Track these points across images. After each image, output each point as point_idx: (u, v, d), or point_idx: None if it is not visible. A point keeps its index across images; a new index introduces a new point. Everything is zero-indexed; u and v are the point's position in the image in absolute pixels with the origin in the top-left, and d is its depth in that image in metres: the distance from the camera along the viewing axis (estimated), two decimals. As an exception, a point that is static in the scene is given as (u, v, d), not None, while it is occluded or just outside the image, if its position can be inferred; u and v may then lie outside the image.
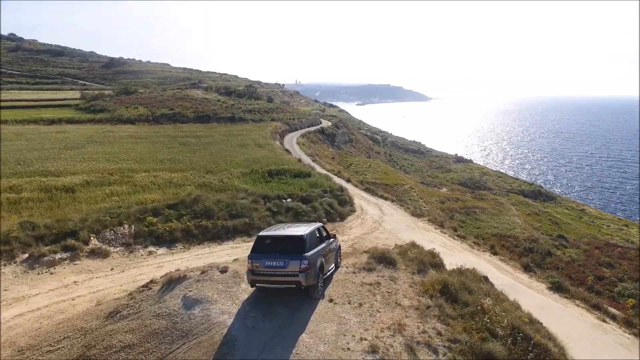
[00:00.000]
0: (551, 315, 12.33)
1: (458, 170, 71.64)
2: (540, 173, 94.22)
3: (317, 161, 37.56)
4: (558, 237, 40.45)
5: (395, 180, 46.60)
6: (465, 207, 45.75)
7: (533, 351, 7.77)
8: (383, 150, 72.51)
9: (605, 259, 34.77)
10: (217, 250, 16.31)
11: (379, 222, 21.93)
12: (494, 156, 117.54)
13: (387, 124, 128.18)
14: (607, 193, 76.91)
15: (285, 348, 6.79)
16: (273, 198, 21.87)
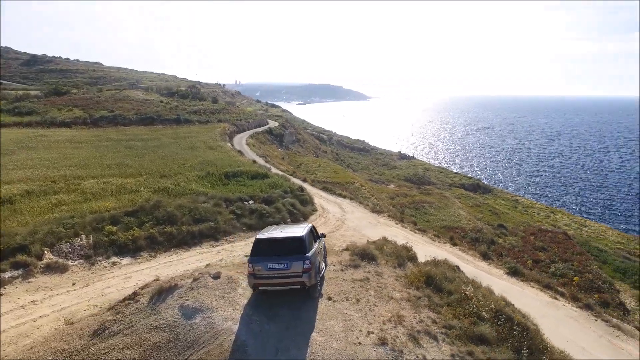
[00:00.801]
0: (513, 297, 13.40)
1: (403, 166, 74.46)
2: (477, 167, 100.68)
3: (270, 162, 37.37)
4: (499, 226, 43.53)
5: (346, 179, 47.55)
6: (413, 202, 47.68)
7: (516, 330, 8.47)
8: (330, 149, 73.52)
9: (540, 244, 38.14)
10: (186, 257, 15.78)
11: (341, 220, 22.35)
12: (432, 152, 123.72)
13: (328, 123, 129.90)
14: (534, 183, 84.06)
15: (299, 348, 6.84)
16: (235, 201, 21.52)
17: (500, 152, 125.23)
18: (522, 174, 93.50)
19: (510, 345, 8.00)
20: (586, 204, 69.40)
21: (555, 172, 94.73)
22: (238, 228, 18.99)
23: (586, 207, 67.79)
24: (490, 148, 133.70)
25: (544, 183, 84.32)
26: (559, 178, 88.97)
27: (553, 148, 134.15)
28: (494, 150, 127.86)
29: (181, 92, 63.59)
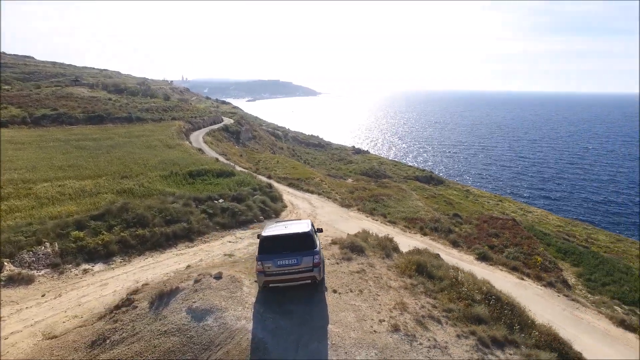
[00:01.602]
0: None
1: (358, 161, 75.83)
2: (427, 160, 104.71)
3: (230, 159, 36.78)
4: (454, 215, 45.63)
5: (306, 175, 47.80)
6: (372, 195, 48.77)
7: (506, 308, 9.10)
8: (286, 145, 73.33)
9: (492, 230, 40.50)
10: (163, 259, 15.24)
11: (312, 215, 22.51)
12: (385, 146, 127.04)
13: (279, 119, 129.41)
14: (481, 173, 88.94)
15: (319, 341, 6.92)
16: (204, 200, 21.04)
17: (448, 144, 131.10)
18: (470, 165, 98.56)
19: (503, 323, 8.60)
20: (528, 191, 74.57)
21: (500, 163, 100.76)
22: (211, 227, 18.59)
23: (529, 194, 72.84)
24: (438, 141, 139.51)
25: (491, 173, 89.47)
26: (503, 168, 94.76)
27: (496, 140, 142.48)
28: (442, 143, 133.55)
29: (130, 89, 60.39)
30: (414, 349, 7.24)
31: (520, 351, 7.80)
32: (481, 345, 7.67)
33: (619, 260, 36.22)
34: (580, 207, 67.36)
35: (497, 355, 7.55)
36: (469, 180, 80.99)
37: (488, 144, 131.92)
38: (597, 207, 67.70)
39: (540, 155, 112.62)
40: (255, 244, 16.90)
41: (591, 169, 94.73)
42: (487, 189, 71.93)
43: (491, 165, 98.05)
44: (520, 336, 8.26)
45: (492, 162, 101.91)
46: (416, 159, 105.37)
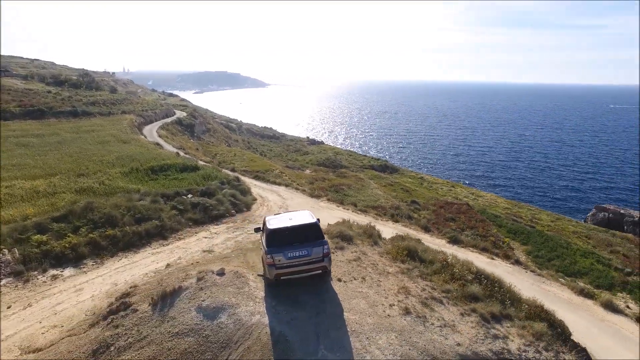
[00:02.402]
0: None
1: (314, 152, 76.12)
2: (380, 149, 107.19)
3: (189, 153, 35.61)
4: (412, 202, 47.19)
5: (265, 167, 47.38)
6: (332, 185, 49.27)
7: (495, 286, 9.69)
8: (240, 138, 72.05)
9: (449, 215, 42.40)
10: (138, 259, 14.56)
11: (284, 207, 22.43)
12: (339, 136, 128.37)
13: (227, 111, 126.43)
14: (432, 160, 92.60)
15: (339, 329, 6.99)
16: (172, 196, 20.29)
17: (397, 134, 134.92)
18: (420, 153, 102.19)
19: (495, 299, 9.16)
20: (475, 176, 78.77)
21: (448, 150, 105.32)
22: (184, 224, 17.98)
23: (477, 179, 76.96)
24: (388, 131, 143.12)
25: (440, 160, 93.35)
26: (451, 155, 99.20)
27: (443, 129, 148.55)
28: (392, 133, 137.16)
29: (72, 81, 56.06)
30: (427, 329, 7.55)
31: (515, 323, 8.38)
32: (483, 320, 8.16)
33: (560, 237, 39.28)
34: (523, 190, 72.28)
35: (498, 329, 8.08)
36: (421, 168, 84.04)
37: (436, 133, 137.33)
38: (537, 189, 73.01)
39: (484, 142, 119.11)
40: (233, 239, 16.65)
41: (528, 154, 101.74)
42: (439, 176, 75.07)
43: (440, 152, 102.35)
44: (512, 310, 8.86)
45: (441, 149, 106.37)
46: (369, 148, 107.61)
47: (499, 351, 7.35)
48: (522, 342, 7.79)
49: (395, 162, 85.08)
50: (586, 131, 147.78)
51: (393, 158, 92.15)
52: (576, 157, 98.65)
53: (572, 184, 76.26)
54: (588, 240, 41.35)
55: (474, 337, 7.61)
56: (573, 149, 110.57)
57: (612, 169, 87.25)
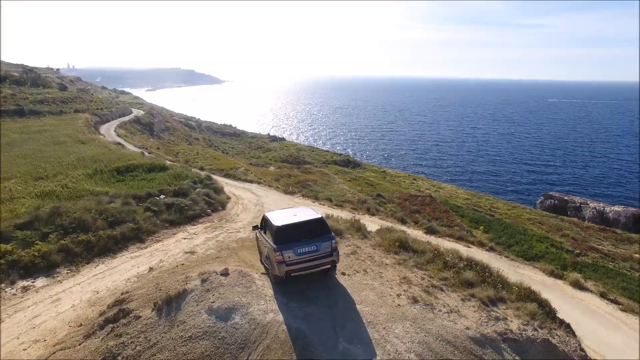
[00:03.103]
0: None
1: (277, 148, 75.69)
2: (341, 144, 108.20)
3: (153, 153, 34.36)
4: (377, 196, 48.07)
5: (229, 165, 46.66)
6: (299, 181, 49.25)
7: (485, 272, 10.16)
8: (201, 136, 70.32)
9: (414, 207, 43.63)
10: (117, 265, 13.90)
11: (259, 204, 22.22)
12: (299, 132, 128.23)
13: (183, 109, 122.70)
14: (393, 154, 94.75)
15: (355, 321, 7.05)
16: (144, 197, 19.53)
17: (356, 129, 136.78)
18: (380, 147, 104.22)
19: (488, 284, 9.61)
20: (434, 169, 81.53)
21: (407, 145, 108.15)
22: (160, 226, 17.36)
23: (436, 171, 79.65)
24: (347, 126, 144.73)
25: (400, 154, 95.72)
26: (409, 148, 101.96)
27: (399, 123, 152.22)
28: (350, 128, 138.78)
29: (14, 78, 52.00)
30: (437, 316, 7.81)
31: (509, 305, 8.86)
32: (483, 304, 8.55)
33: (517, 225, 41.49)
34: (479, 180, 75.67)
35: (497, 311, 8.51)
36: (382, 162, 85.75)
37: (394, 128, 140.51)
38: (491, 180, 76.70)
39: (441, 136, 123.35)
40: (214, 238, 16.29)
41: (482, 147, 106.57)
42: (400, 169, 76.98)
43: (399, 146, 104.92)
44: (504, 293, 9.34)
45: (399, 144, 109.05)
46: (330, 143, 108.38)
47: (502, 332, 7.76)
48: (520, 322, 8.26)
49: (357, 157, 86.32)
50: (532, 124, 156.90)
51: (354, 153, 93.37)
52: (524, 149, 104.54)
53: (522, 174, 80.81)
54: (541, 225, 43.94)
55: (479, 320, 7.98)
56: (521, 141, 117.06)
57: (556, 159, 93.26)
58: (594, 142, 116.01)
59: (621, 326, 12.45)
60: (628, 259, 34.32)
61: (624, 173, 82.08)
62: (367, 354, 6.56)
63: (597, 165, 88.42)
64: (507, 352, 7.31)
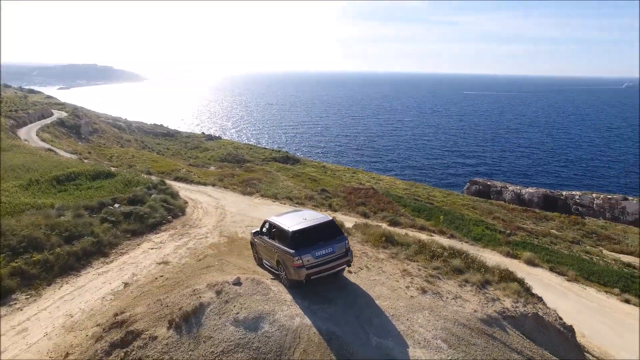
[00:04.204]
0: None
1: (214, 147, 73.57)
2: (275, 141, 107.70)
3: (89, 158, 31.89)
4: (322, 191, 48.78)
5: (169, 167, 44.81)
6: (243, 180, 48.51)
7: (469, 257, 11.02)
8: (132, 137, 66.20)
9: (359, 200, 44.98)
10: (84, 283, 12.85)
11: (220, 207, 21.69)
12: (231, 130, 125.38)
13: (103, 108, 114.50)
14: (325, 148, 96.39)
15: (378, 315, 7.31)
16: (97, 207, 18.16)
17: (290, 125, 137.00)
18: (315, 142, 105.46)
19: (474, 269, 10.45)
20: (370, 161, 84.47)
21: (342, 139, 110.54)
22: (121, 237, 16.28)
23: (372, 163, 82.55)
24: (280, 122, 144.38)
25: (336, 148, 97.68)
26: (343, 142, 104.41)
27: (332, 118, 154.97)
28: (284, 124, 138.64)
29: None
30: (447, 303, 8.37)
31: (496, 287, 9.74)
32: (477, 288, 9.30)
33: (454, 211, 44.57)
34: (413, 170, 79.83)
35: (490, 293, 9.32)
36: (319, 157, 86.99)
37: (327, 122, 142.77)
38: (424, 168, 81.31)
39: (371, 129, 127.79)
40: (183, 246, 15.70)
41: (410, 138, 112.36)
42: (338, 163, 78.70)
43: (333, 141, 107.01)
44: (488, 276, 10.23)
45: (333, 138, 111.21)
46: (266, 140, 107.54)
47: (501, 311, 8.55)
48: (511, 301, 9.15)
49: (295, 153, 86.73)
50: (454, 115, 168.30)
51: (292, 149, 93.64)
52: (449, 139, 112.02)
53: (450, 162, 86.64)
54: (474, 210, 47.57)
55: (480, 303, 8.70)
56: (446, 131, 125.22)
57: (478, 147, 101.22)
58: (510, 130, 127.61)
59: (569, 294, 14.17)
60: (547, 235, 38.55)
61: (534, 157, 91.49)
62: (400, 346, 6.90)
63: (513, 151, 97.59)
64: (509, 329, 8.11)
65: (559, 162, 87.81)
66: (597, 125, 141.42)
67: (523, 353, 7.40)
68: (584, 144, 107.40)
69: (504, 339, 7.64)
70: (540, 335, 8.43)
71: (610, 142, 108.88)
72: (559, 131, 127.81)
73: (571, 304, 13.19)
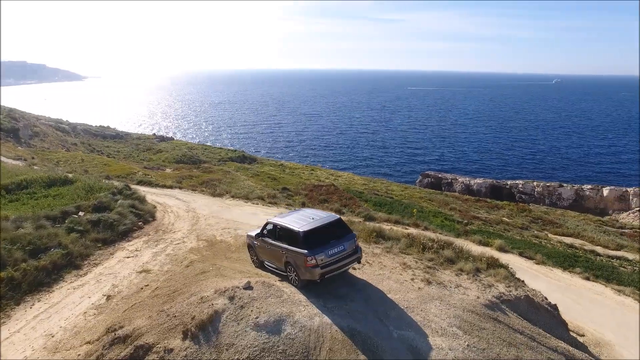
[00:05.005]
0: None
1: (167, 149, 70.89)
2: (228, 140, 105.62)
3: (38, 164, 29.66)
4: (283, 189, 48.52)
5: (124, 170, 42.78)
6: (203, 181, 47.18)
7: (455, 248, 11.55)
8: (78, 140, 62.28)
9: (322, 197, 45.30)
10: (60, 299, 12.01)
11: (191, 210, 21.05)
12: (181, 130, 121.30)
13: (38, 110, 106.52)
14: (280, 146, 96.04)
15: (393, 308, 7.48)
16: (60, 216, 16.99)
17: (240, 124, 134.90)
18: (269, 141, 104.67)
19: (463, 259, 10.98)
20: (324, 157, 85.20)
21: (293, 136, 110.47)
22: (92, 247, 15.37)
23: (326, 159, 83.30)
24: (230, 121, 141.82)
25: (292, 146, 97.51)
26: (297, 140, 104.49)
27: (282, 116, 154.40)
28: (235, 123, 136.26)
29: None
30: (451, 292, 8.74)
31: (486, 273, 10.32)
32: (473, 276, 9.79)
33: (414, 204, 46.11)
34: (369, 165, 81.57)
35: (482, 278, 9.87)
36: (276, 155, 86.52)
37: (278, 120, 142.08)
38: (379, 163, 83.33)
39: (324, 126, 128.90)
40: (162, 252, 15.13)
41: (362, 134, 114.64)
42: (295, 161, 78.68)
43: (288, 139, 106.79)
44: (477, 264, 10.80)
45: (286, 136, 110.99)
46: (221, 140, 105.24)
47: (499, 296, 9.09)
48: (503, 286, 9.74)
49: (250, 152, 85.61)
50: (403, 110, 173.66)
51: (247, 148, 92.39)
52: (399, 134, 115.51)
53: (402, 156, 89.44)
54: (432, 202, 49.46)
55: (479, 289, 9.18)
56: (397, 126, 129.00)
57: (427, 141, 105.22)
58: (456, 124, 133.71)
59: (540, 276, 15.24)
60: (500, 222, 40.98)
61: (480, 149, 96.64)
62: (421, 335, 7.13)
63: (461, 144, 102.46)
64: (508, 311, 8.65)
65: (502, 153, 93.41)
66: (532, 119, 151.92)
67: (524, 333, 7.94)
68: (523, 135, 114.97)
69: (507, 321, 8.15)
70: (534, 315, 9.08)
71: (547, 134, 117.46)
72: (501, 124, 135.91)
73: (544, 284, 14.19)
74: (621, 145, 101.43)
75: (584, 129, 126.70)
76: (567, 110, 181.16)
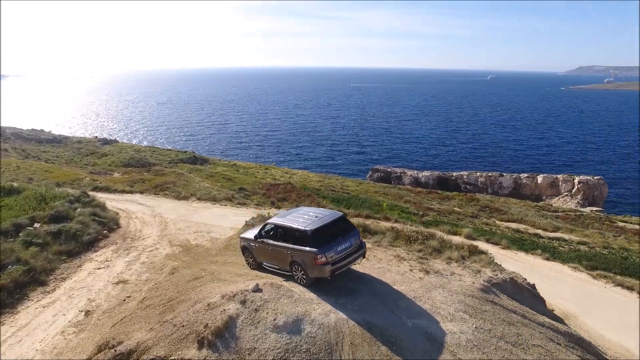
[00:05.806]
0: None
1: (113, 152, 67.05)
2: (175, 141, 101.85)
3: (-31, 174, 26.95)
4: (240, 189, 47.72)
5: (69, 177, 40.08)
6: (156, 185, 45.25)
7: (439, 239, 12.09)
8: (9, 145, 57.22)
9: (280, 196, 45.08)
10: (29, 320, 11.06)
11: (157, 215, 20.22)
12: (125, 132, 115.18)
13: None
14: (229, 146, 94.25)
15: (403, 299, 7.70)
16: (12, 230, 15.60)
17: (188, 124, 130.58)
18: (219, 140, 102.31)
19: (449, 248, 11.54)
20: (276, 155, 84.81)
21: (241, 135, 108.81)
22: (56, 260, 14.29)
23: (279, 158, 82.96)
24: (177, 121, 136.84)
25: (242, 145, 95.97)
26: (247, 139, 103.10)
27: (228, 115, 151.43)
28: (181, 124, 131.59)
29: None
30: (449, 279, 9.14)
31: (472, 260, 10.93)
32: (460, 263, 10.31)
33: (370, 198, 47.22)
34: (321, 162, 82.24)
35: (469, 265, 10.44)
36: (227, 155, 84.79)
37: (225, 120, 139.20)
38: (331, 159, 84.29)
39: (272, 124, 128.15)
40: (136, 261, 14.49)
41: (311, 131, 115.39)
42: (247, 160, 77.57)
43: (237, 139, 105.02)
44: (462, 252, 11.40)
45: (235, 135, 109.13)
46: (168, 141, 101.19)
47: (488, 280, 9.66)
48: (489, 270, 10.36)
49: (199, 153, 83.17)
50: (350, 107, 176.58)
51: (196, 149, 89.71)
52: (347, 130, 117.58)
53: (351, 152, 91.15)
54: (387, 196, 50.92)
55: (471, 275, 9.68)
56: (344, 122, 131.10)
57: (375, 137, 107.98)
58: (401, 120, 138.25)
59: (508, 259, 16.32)
60: (452, 212, 43.15)
61: (424, 143, 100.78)
62: (433, 322, 7.43)
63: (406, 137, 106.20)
64: (499, 294, 9.24)
65: (446, 146, 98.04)
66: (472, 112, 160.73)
67: (517, 312, 8.55)
68: (464, 128, 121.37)
69: (501, 302, 8.72)
70: (519, 295, 9.78)
71: (485, 126, 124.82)
72: (442, 118, 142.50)
73: (512, 266, 15.24)
74: (551, 137, 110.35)
75: (518, 121, 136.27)
76: (501, 104, 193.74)
